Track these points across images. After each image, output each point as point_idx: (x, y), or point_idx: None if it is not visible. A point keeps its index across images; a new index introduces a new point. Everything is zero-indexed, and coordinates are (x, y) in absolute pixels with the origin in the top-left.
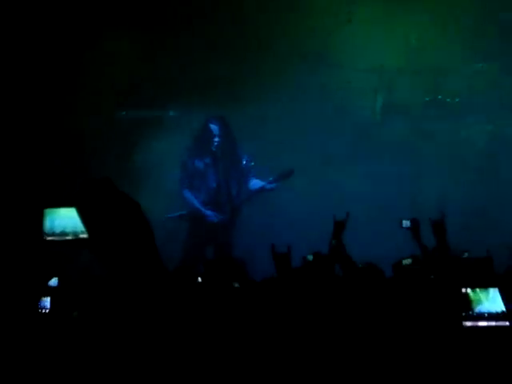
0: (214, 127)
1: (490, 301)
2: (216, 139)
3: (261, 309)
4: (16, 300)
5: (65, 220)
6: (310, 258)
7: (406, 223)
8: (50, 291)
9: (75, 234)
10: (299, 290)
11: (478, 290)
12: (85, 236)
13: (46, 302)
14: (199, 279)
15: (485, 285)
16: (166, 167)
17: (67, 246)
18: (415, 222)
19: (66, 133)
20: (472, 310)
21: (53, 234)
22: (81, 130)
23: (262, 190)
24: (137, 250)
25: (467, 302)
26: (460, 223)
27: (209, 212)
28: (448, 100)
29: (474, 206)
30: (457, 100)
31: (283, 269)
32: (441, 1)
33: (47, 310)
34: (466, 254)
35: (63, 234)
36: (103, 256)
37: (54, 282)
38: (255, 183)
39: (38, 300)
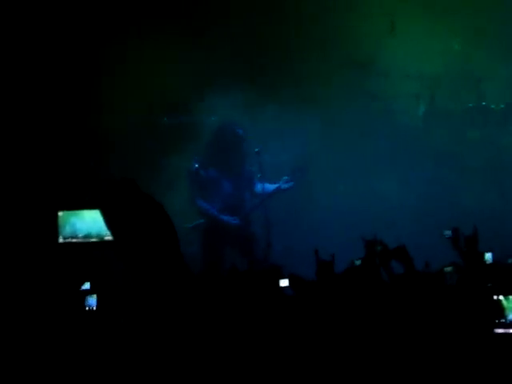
0: (241, 132)
1: None
2: (245, 144)
3: (304, 312)
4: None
5: (90, 222)
6: (358, 262)
7: (447, 233)
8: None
9: (100, 236)
10: (346, 294)
11: (511, 297)
12: (110, 238)
13: (93, 300)
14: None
15: None
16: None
17: (92, 248)
18: (456, 232)
19: (96, 135)
20: (505, 317)
21: (76, 237)
22: (113, 132)
23: (277, 190)
24: (161, 252)
25: (500, 310)
26: (501, 230)
27: (227, 217)
28: (492, 106)
29: None
30: (501, 106)
31: (325, 276)
32: (483, 6)
33: (94, 308)
34: (510, 260)
35: (88, 236)
36: (128, 258)
37: (86, 286)
38: (267, 187)
39: (75, 300)
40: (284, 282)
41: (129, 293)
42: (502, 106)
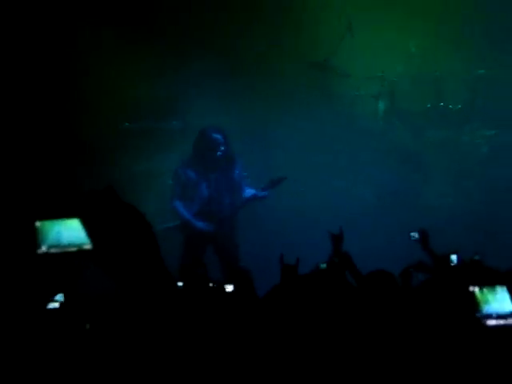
0: (218, 137)
1: (499, 301)
2: (222, 148)
3: (270, 315)
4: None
5: (71, 231)
6: (324, 266)
7: (414, 235)
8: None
9: (80, 245)
10: (310, 297)
11: (485, 289)
12: (88, 247)
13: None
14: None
15: (491, 283)
16: (167, 178)
17: (71, 257)
18: (423, 233)
19: (70, 143)
20: (480, 310)
21: (58, 246)
22: (84, 140)
23: (253, 198)
24: (142, 261)
25: (475, 303)
26: (463, 230)
27: (200, 223)
28: (450, 106)
29: (477, 212)
30: (459, 106)
31: (289, 280)
32: (441, 7)
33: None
34: (476, 257)
35: (69, 245)
36: (108, 267)
37: (59, 297)
38: (248, 192)
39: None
40: (229, 288)
41: (108, 301)
42: (459, 106)
